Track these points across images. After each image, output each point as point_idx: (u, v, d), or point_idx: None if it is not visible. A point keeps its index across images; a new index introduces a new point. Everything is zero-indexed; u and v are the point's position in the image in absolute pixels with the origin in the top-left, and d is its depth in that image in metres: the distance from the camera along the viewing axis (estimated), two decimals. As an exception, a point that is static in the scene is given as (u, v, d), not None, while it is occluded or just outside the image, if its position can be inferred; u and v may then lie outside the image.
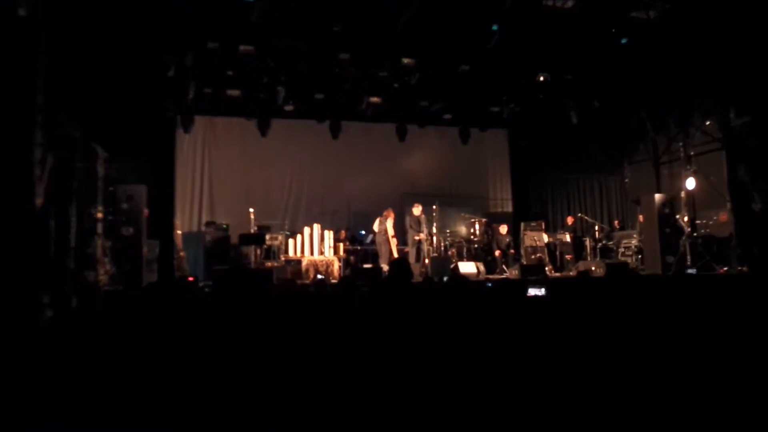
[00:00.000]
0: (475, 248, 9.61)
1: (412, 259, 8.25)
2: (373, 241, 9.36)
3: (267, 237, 8.60)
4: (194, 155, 9.63)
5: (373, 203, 10.70)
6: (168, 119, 8.58)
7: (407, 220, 8.59)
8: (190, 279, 6.27)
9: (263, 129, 9.42)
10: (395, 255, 8.02)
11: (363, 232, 9.98)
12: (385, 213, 8.54)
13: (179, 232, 8.01)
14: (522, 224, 9.47)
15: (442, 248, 9.17)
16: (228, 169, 9.83)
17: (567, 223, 10.23)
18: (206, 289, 5.15)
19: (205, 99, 8.36)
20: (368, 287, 4.10)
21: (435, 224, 8.84)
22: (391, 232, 8.19)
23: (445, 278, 6.41)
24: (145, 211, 6.31)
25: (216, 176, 9.72)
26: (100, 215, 5.64)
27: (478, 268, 8.36)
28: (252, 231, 8.07)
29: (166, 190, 8.22)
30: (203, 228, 8.84)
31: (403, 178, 11.55)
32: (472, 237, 9.81)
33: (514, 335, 2.60)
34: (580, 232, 9.85)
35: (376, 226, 8.56)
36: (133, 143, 7.18)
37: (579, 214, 10.25)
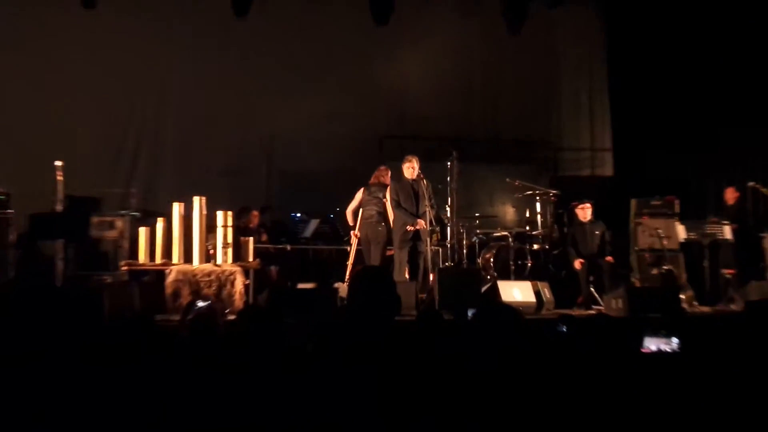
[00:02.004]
0: (534, 251, 9.93)
1: (398, 272, 8.46)
2: (329, 235, 10.33)
3: (94, 221, 8.91)
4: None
5: (324, 156, 11.35)
6: None
7: (389, 191, 8.78)
8: None
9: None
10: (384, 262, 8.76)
11: (299, 216, 10.69)
12: (378, 175, 9.11)
13: None
14: (633, 203, 9.65)
15: (464, 249, 9.58)
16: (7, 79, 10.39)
17: (725, 202, 10.07)
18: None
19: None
20: (305, 330, 4.15)
21: (451, 200, 9.17)
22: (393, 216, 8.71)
23: (470, 312, 5.83)
24: None
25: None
26: None
27: (539, 292, 8.58)
28: (58, 208, 8.16)
29: None
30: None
31: (385, 104, 12.19)
32: (527, 229, 10.25)
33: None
34: (752, 221, 9.73)
35: (351, 210, 9.13)
36: None
37: (751, 184, 9.81)
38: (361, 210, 9.01)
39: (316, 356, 3.71)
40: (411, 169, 8.54)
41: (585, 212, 9.41)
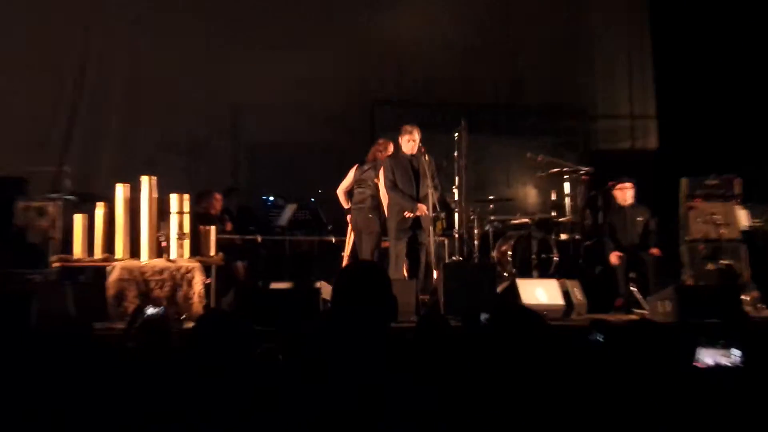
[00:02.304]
0: (562, 242, 10.09)
1: (395, 268, 8.56)
2: (308, 224, 10.48)
3: (19, 207, 9.15)
4: None
5: (303, 127, 11.44)
6: None
7: (383, 170, 8.85)
8: None
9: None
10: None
11: (272, 200, 10.83)
12: (375, 150, 9.22)
13: None
14: (684, 183, 9.72)
15: (475, 240, 9.70)
16: None
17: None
18: None
19: None
20: (280, 340, 4.45)
21: (459, 179, 9.30)
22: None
23: (483, 317, 6.07)
24: None
25: None
26: None
27: (568, 292, 8.67)
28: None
29: None
30: None
31: (378, 63, 12.24)
32: (553, 215, 10.33)
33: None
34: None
35: (344, 191, 9.32)
36: None
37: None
38: (354, 192, 9.14)
39: (291, 373, 3.70)
40: (410, 141, 8.53)
41: (625, 194, 9.41)
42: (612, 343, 4.56)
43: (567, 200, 10.21)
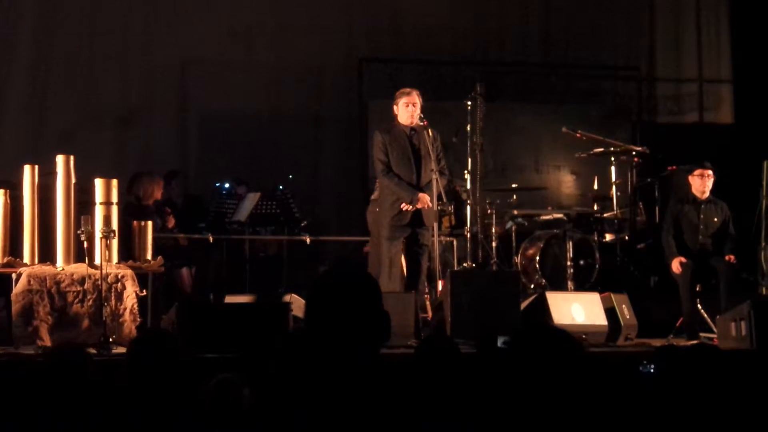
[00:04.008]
0: (606, 244, 10.21)
1: (387, 278, 8.65)
2: (275, 218, 10.61)
3: None
4: None
5: (268, 92, 11.61)
6: None
7: (374, 147, 9.05)
8: None
9: None
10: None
11: (227, 187, 10.95)
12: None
13: None
14: (767, 167, 9.80)
15: (493, 241, 9.79)
16: None
17: None
18: None
19: None
20: (238, 370, 4.62)
21: (472, 162, 9.44)
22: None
23: (502, 341, 5.92)
24: None
25: None
26: None
27: (613, 310, 8.76)
28: None
29: None
30: None
31: (366, 7, 12.30)
32: (595, 209, 10.45)
33: None
34: None
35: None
36: None
37: None
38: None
39: (256, 413, 3.72)
40: (409, 106, 8.56)
41: (705, 183, 9.35)
42: (668, 376, 4.71)
43: (614, 189, 10.18)
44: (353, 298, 3.48)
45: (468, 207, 9.36)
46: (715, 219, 9.28)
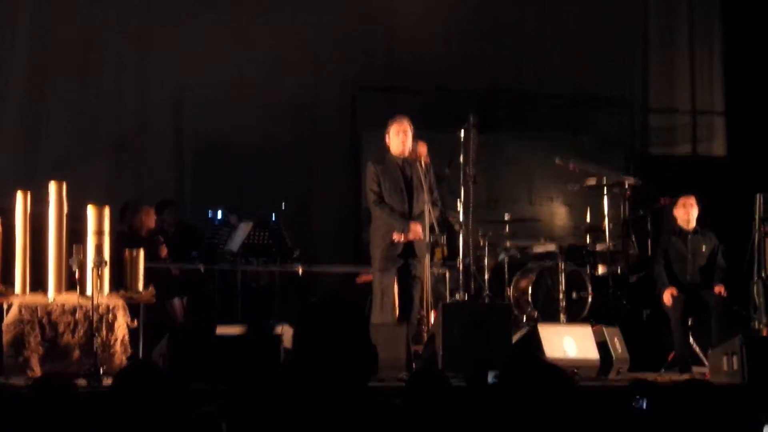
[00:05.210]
0: (599, 277, 10.16)
1: (380, 309, 8.62)
2: (268, 249, 10.56)
3: None
4: None
5: (263, 122, 11.54)
6: None
7: (366, 178, 9.11)
8: None
9: None
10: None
11: (220, 217, 10.95)
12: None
13: None
14: (759, 200, 9.78)
15: (486, 273, 9.83)
16: None
17: None
18: None
19: None
20: (226, 402, 4.68)
21: (465, 193, 9.41)
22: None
23: (493, 375, 6.32)
24: None
25: None
26: None
27: (605, 343, 8.75)
28: None
29: None
30: None
31: (363, 38, 12.30)
32: (587, 241, 10.46)
33: None
34: None
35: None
36: None
37: None
38: None
39: None
40: (400, 134, 8.58)
41: (688, 213, 9.42)
42: (659, 411, 4.56)
43: (606, 221, 10.16)
44: (340, 331, 3.50)
45: (460, 238, 9.34)
46: (703, 249, 9.30)
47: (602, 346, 8.54)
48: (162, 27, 11.44)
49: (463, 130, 9.19)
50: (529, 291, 9.72)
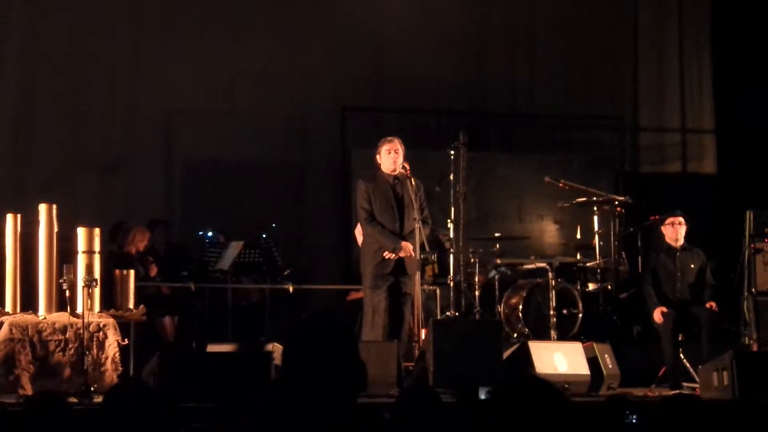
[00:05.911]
0: (590, 293, 10.25)
1: (371, 326, 8.65)
2: (258, 267, 10.69)
3: None
4: None
5: (252, 142, 11.57)
6: None
7: (357, 196, 9.10)
8: None
9: None
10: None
11: (210, 236, 10.96)
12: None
13: None
14: (750, 217, 9.81)
15: (476, 290, 9.82)
16: None
17: None
18: None
19: None
20: (217, 419, 5.24)
21: (455, 211, 9.43)
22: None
23: (484, 392, 6.74)
24: None
25: None
26: None
27: (596, 359, 8.74)
28: None
29: None
30: None
31: (352, 56, 12.27)
32: (578, 258, 10.60)
33: None
34: None
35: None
36: None
37: None
38: None
39: None
40: (391, 153, 8.56)
41: (676, 231, 9.39)
42: (648, 427, 4.76)
43: (597, 239, 10.19)
44: (329, 347, 3.48)
45: (451, 256, 9.35)
46: (692, 266, 9.28)
47: (593, 362, 8.53)
48: (150, 48, 11.47)
49: (453, 149, 9.20)
50: (520, 308, 9.71)
